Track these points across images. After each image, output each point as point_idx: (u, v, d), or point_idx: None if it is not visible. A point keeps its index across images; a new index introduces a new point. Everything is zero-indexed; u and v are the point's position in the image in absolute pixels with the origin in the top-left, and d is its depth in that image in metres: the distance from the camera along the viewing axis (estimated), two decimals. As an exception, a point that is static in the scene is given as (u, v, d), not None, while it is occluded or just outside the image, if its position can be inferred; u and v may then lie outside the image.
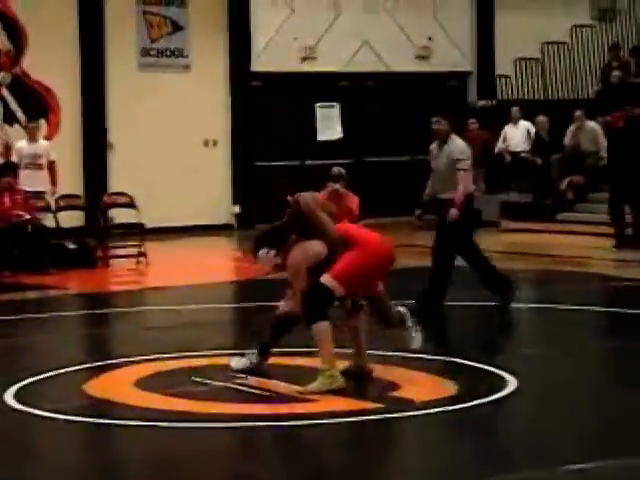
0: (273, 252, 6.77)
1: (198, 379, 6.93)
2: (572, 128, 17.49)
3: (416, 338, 6.84)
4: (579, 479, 4.91)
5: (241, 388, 6.71)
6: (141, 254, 14.10)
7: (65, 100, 17.19)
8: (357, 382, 6.73)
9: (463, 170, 9.71)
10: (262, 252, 6.82)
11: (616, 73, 18.89)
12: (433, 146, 10.18)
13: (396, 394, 6.46)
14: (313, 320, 6.41)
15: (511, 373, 6.77)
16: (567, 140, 17.54)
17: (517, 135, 18.48)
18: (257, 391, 6.60)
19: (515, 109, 18.52)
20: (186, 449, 5.64)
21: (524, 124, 18.44)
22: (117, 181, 17.32)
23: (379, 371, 6.93)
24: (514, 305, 9.78)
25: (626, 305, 9.56)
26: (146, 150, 17.74)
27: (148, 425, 5.97)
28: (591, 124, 17.42)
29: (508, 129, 18.55)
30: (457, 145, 9.96)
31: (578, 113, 17.47)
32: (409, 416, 5.97)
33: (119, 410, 6.37)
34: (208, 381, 6.87)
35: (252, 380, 6.84)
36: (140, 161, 17.57)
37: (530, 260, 13.51)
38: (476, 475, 5.03)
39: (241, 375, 6.96)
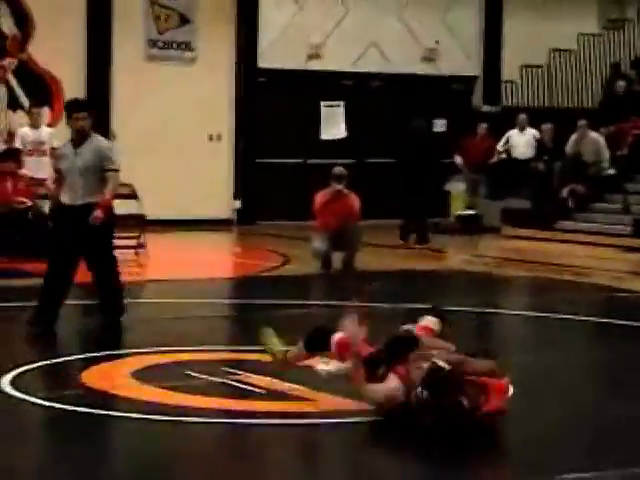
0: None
1: (194, 373, 6.93)
2: (574, 137, 17.49)
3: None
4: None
5: (236, 384, 6.71)
6: (140, 245, 14.10)
7: (69, 88, 17.17)
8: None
9: (114, 170, 8.79)
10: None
11: (621, 83, 18.91)
12: (66, 145, 8.89)
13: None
14: None
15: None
16: (568, 149, 17.54)
17: (522, 142, 18.48)
18: (252, 388, 6.60)
19: (522, 116, 18.52)
20: (178, 443, 5.64)
21: (530, 131, 18.44)
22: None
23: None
24: (508, 312, 9.75)
25: (622, 316, 9.56)
26: (149, 141, 17.73)
27: (142, 417, 5.97)
28: (594, 134, 17.42)
29: (512, 135, 18.56)
30: (104, 142, 9.00)
31: (581, 122, 17.47)
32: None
33: (114, 401, 6.38)
34: (204, 376, 6.87)
35: (247, 376, 6.83)
36: (143, 152, 17.55)
37: (529, 267, 13.51)
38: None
39: (236, 371, 6.96)
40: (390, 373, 5.83)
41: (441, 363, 5.57)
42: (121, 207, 14.94)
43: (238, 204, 18.80)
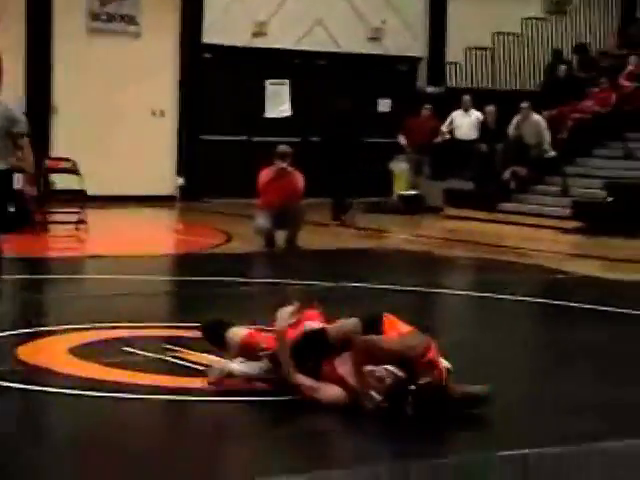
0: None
1: (133, 350, 6.89)
2: (517, 119, 17.63)
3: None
4: (513, 464, 4.97)
5: (175, 361, 6.69)
6: (81, 221, 13.99)
7: (9, 61, 16.75)
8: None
9: (25, 135, 7.88)
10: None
11: (562, 68, 19.09)
12: None
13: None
14: None
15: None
16: (511, 131, 17.69)
17: (466, 123, 18.58)
18: (190, 364, 6.58)
19: (466, 97, 18.62)
20: (115, 419, 5.62)
21: (474, 113, 18.55)
22: (60, 146, 17.14)
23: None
24: (453, 292, 9.82)
25: (561, 297, 9.67)
26: (91, 116, 17.56)
27: (79, 393, 5.93)
28: (536, 117, 17.57)
29: (456, 116, 18.65)
30: (12, 106, 8.10)
31: (524, 105, 17.62)
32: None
33: (50, 377, 6.32)
34: (142, 352, 6.84)
35: (187, 353, 6.81)
36: (85, 127, 17.39)
37: (470, 248, 13.61)
38: (406, 456, 5.08)
39: (175, 348, 6.94)
40: (324, 378, 5.66)
41: (399, 373, 5.49)
42: (62, 182, 14.91)
43: (181, 181, 18.70)
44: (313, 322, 5.99)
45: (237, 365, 6.00)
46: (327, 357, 5.74)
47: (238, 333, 6.24)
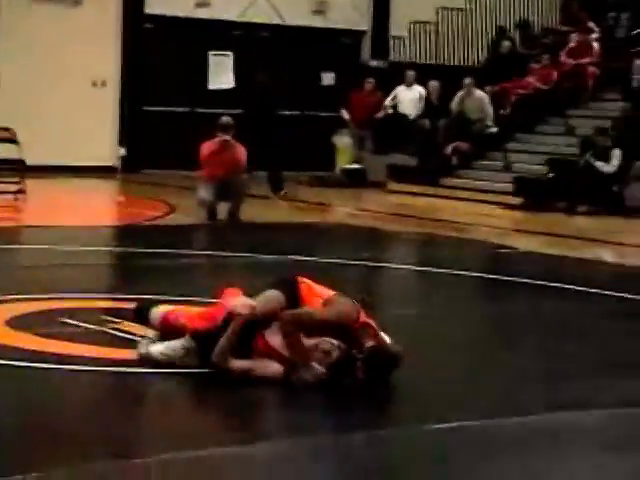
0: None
1: (71, 321, 6.81)
2: (460, 95, 17.69)
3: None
4: (449, 436, 4.99)
5: (115, 332, 6.62)
6: (20, 191, 13.81)
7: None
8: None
9: None
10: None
11: (506, 44, 19.17)
12: None
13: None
14: None
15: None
16: (454, 106, 17.74)
17: (409, 98, 18.59)
18: (130, 336, 6.52)
19: (410, 73, 18.63)
20: (51, 391, 5.55)
21: (417, 88, 18.57)
22: (-1, 114, 16.88)
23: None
24: (395, 266, 9.85)
25: (503, 272, 9.74)
26: (32, 85, 17.31)
27: (15, 365, 5.85)
28: (479, 92, 17.64)
29: (399, 91, 18.65)
30: None
31: (467, 80, 17.67)
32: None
33: (-13, 348, 6.22)
34: (82, 324, 6.77)
35: (126, 325, 6.75)
36: (25, 96, 17.14)
37: (413, 223, 13.65)
38: (346, 428, 5.08)
39: (115, 319, 6.87)
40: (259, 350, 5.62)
41: (342, 345, 5.47)
42: (0, 151, 14.68)
43: (123, 152, 18.52)
44: (235, 298, 5.89)
45: (157, 348, 5.86)
46: (258, 331, 5.69)
47: (159, 310, 6.17)
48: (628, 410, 5.51)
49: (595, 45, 17.95)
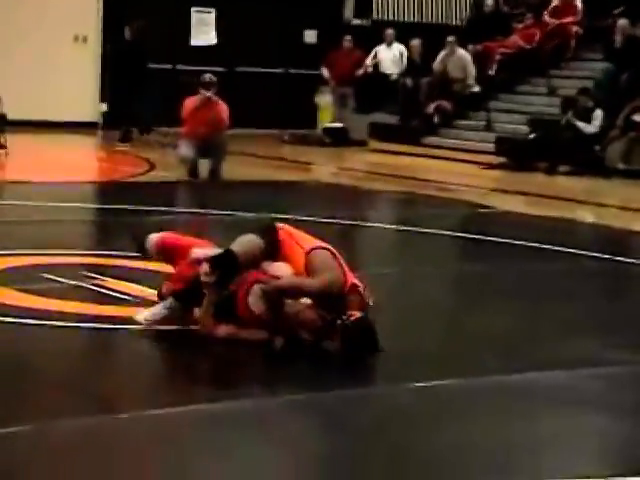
0: None
1: (52, 277, 6.83)
2: (442, 54, 17.65)
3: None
4: (420, 396, 5.05)
5: (95, 288, 6.64)
6: (1, 146, 13.75)
7: None
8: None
9: None
10: None
11: (489, 2, 19.10)
12: None
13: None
14: None
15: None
16: (436, 65, 17.71)
17: (389, 57, 18.55)
18: (111, 292, 6.55)
19: (389, 32, 18.57)
20: (31, 346, 5.58)
21: (397, 47, 18.52)
22: (-21, 70, 16.76)
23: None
24: (376, 225, 9.87)
25: (484, 232, 9.78)
26: (13, 40, 17.18)
27: (-3, 320, 5.87)
28: (461, 51, 17.61)
29: (380, 49, 18.61)
30: None
31: (450, 39, 17.63)
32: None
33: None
34: (62, 279, 6.78)
35: (107, 281, 6.77)
36: (5, 51, 17.01)
37: (394, 182, 13.67)
38: (317, 387, 5.13)
39: (96, 275, 6.89)
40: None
41: (327, 316, 5.50)
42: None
43: (104, 107, 18.44)
44: (204, 249, 5.95)
45: (143, 315, 5.86)
46: (240, 297, 5.68)
47: (155, 236, 6.20)
48: (595, 369, 5.57)
49: (578, 4, 17.91)
